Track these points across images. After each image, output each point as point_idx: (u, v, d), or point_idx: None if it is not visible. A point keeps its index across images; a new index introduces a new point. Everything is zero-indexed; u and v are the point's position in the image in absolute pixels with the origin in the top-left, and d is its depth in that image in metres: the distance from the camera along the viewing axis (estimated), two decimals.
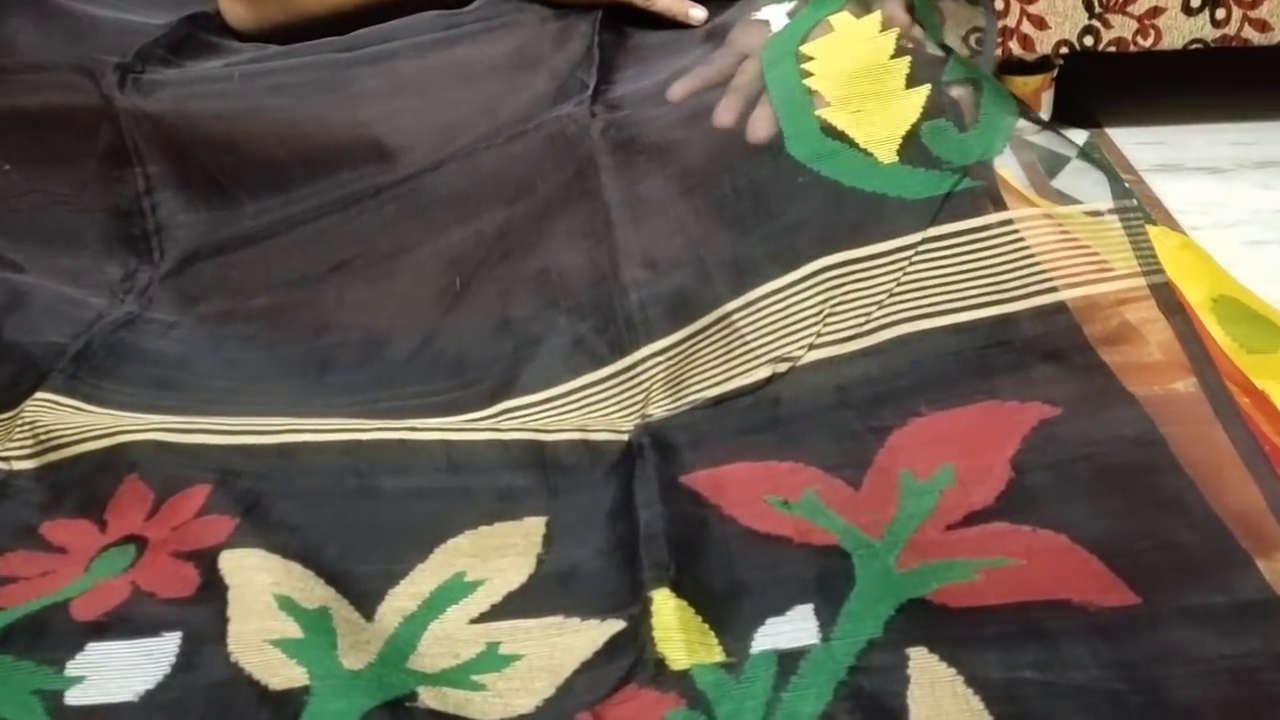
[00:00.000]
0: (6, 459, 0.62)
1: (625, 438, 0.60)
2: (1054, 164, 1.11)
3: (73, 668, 0.49)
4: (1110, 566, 0.49)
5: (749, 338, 0.62)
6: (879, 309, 0.60)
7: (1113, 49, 1.05)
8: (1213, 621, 0.48)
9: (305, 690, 0.47)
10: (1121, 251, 0.63)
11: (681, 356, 0.64)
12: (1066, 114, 1.17)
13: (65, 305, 0.75)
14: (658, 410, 0.62)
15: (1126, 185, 0.67)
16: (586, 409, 0.63)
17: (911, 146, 0.65)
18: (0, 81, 0.83)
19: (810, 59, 0.70)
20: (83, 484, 0.60)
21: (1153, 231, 0.86)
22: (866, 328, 0.60)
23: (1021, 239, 0.62)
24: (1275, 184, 1.04)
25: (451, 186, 0.74)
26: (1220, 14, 1.03)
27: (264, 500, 0.58)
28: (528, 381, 0.65)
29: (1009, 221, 0.62)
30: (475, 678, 0.49)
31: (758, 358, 0.61)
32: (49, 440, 0.62)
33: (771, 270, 0.64)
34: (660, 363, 0.64)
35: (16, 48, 0.85)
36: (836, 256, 0.62)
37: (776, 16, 0.75)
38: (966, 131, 0.66)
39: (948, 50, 0.72)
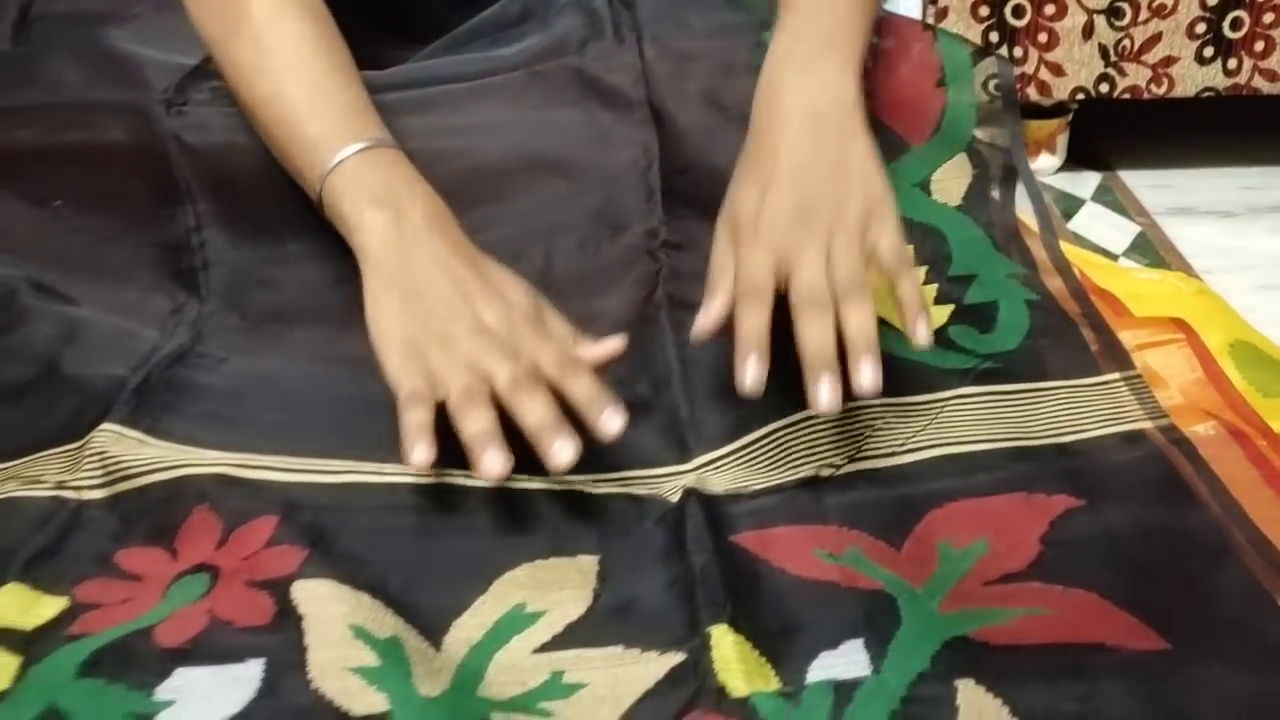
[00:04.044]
0: (78, 489, 0.63)
1: (673, 501, 0.63)
2: (1070, 205, 1.15)
3: (162, 692, 0.50)
4: (1140, 618, 0.53)
5: (796, 446, 0.67)
6: (915, 436, 0.67)
7: (1127, 96, 1.08)
8: (1243, 660, 0.50)
9: (386, 716, 0.49)
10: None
11: (732, 461, 0.67)
12: (1080, 157, 1.20)
13: (121, 337, 0.76)
14: (705, 489, 0.64)
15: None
16: (635, 486, 0.66)
17: (940, 338, 0.74)
18: (50, 119, 0.84)
19: None
20: (152, 514, 0.61)
21: (1171, 276, 0.89)
22: (905, 447, 0.66)
23: (1038, 400, 0.70)
24: None
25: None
26: (1232, 64, 1.06)
27: (328, 533, 0.60)
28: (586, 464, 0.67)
29: (1031, 391, 0.70)
30: (543, 704, 0.51)
31: (805, 460, 0.66)
32: (118, 470, 0.63)
33: None
34: (715, 466, 0.67)
35: (65, 86, 0.86)
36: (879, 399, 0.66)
37: None
38: (987, 334, 0.76)
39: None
